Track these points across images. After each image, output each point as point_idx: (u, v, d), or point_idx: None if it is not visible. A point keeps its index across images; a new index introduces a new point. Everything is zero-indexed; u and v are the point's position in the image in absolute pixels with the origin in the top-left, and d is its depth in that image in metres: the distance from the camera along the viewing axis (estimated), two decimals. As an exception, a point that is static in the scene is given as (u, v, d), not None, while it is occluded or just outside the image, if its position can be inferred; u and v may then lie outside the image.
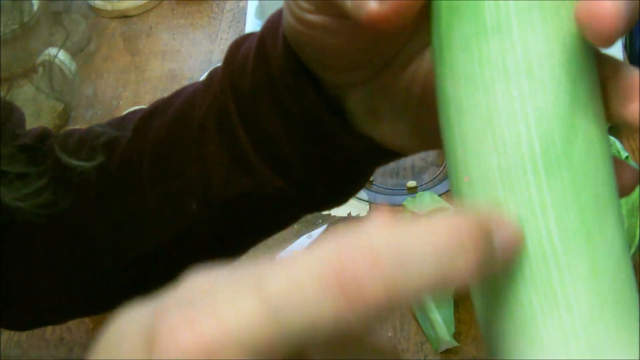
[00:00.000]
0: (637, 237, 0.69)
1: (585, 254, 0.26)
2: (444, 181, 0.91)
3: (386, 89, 0.38)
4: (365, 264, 0.21)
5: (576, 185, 0.26)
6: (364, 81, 0.38)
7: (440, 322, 0.74)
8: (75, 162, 0.48)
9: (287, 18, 0.36)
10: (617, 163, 0.30)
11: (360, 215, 0.89)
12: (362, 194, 0.91)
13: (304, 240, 0.87)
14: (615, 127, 0.93)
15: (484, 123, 0.27)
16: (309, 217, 0.89)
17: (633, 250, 0.70)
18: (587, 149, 0.27)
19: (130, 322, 0.23)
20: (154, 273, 0.51)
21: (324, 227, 0.88)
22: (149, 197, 0.47)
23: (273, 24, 0.40)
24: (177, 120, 0.45)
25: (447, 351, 0.75)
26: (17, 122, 0.54)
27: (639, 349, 0.27)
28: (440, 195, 0.87)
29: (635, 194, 0.69)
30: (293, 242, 0.87)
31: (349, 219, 0.89)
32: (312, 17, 0.34)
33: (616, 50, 0.98)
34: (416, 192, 0.89)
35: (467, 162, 0.28)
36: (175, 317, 0.21)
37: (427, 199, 0.85)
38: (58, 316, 0.57)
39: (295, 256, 0.22)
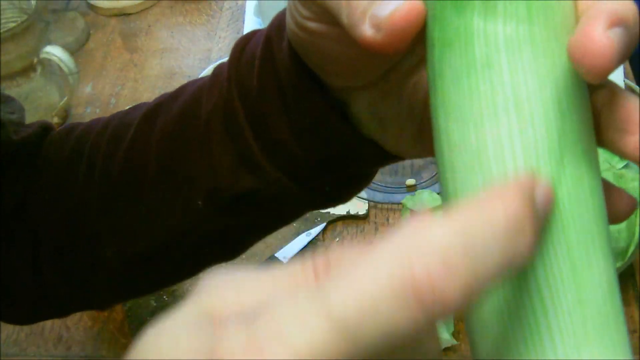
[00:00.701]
0: (637, 235, 0.69)
1: (571, 289, 0.26)
2: (443, 179, 0.91)
3: (390, 94, 0.38)
4: (437, 269, 0.20)
5: (562, 222, 0.26)
6: (368, 86, 0.38)
7: (439, 321, 0.74)
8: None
9: (289, 23, 0.36)
10: (613, 191, 0.30)
11: (359, 213, 0.89)
12: (361, 192, 0.91)
13: (302, 238, 0.87)
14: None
15: (472, 157, 0.27)
16: (307, 215, 0.89)
17: (633, 248, 0.69)
18: (575, 185, 0.27)
19: (184, 333, 0.21)
20: (158, 269, 0.51)
21: (323, 225, 0.88)
22: (154, 194, 0.47)
23: (279, 24, 0.40)
24: (183, 117, 0.45)
25: (446, 349, 0.75)
26: (17, 115, 0.54)
27: None
28: (439, 194, 0.87)
29: (635, 192, 0.69)
30: (292, 240, 0.87)
31: (347, 217, 0.89)
32: (312, 25, 0.34)
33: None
34: (415, 191, 0.89)
35: (456, 193, 0.28)
36: (239, 340, 0.20)
37: (426, 197, 0.85)
38: (59, 311, 0.57)
39: (353, 264, 0.21)
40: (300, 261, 0.22)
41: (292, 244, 0.86)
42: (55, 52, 0.99)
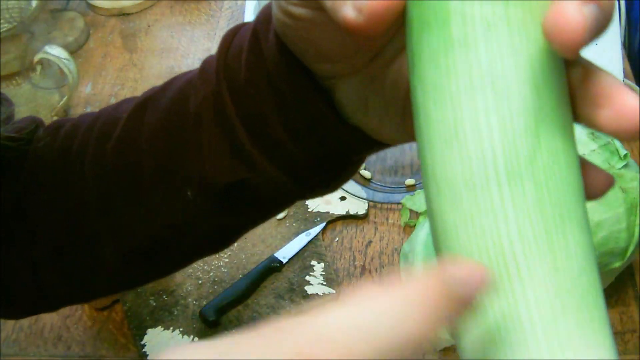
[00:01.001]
0: (637, 236, 0.69)
1: (547, 260, 0.27)
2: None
3: (374, 80, 0.39)
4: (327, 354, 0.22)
5: (539, 192, 0.27)
6: (353, 73, 0.39)
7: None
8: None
9: (275, 11, 0.37)
10: (590, 168, 0.31)
11: (359, 213, 0.89)
12: (361, 192, 0.91)
13: (302, 238, 0.87)
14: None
15: (450, 133, 0.28)
16: (307, 215, 0.89)
17: (632, 248, 0.70)
18: (551, 159, 0.27)
19: None
20: (152, 264, 0.51)
21: (323, 224, 0.88)
22: (144, 186, 0.47)
23: (265, 16, 0.40)
24: (173, 110, 0.46)
25: (446, 349, 0.75)
26: (6, 112, 0.54)
27: (601, 350, 0.27)
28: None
29: (635, 192, 0.69)
30: (292, 239, 0.87)
31: (347, 216, 0.89)
32: (297, 10, 0.35)
33: (615, 49, 0.98)
34: (415, 190, 0.89)
35: (435, 170, 0.28)
36: None
37: (426, 197, 0.85)
38: (52, 305, 0.57)
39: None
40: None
41: (291, 244, 0.86)
42: (54, 52, 0.99)
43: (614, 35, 1.00)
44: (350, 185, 0.92)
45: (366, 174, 0.94)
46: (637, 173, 0.71)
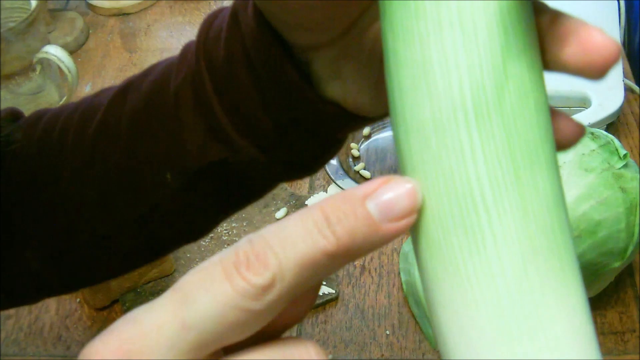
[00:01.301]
0: (636, 236, 0.69)
1: (516, 199, 0.27)
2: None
3: (350, 50, 0.39)
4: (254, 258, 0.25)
5: (507, 131, 0.27)
6: (329, 43, 0.39)
7: None
8: None
9: None
10: (560, 117, 0.31)
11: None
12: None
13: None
14: (613, 125, 0.93)
15: (419, 74, 0.28)
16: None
17: (631, 248, 0.70)
18: (519, 98, 0.28)
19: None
20: (129, 247, 0.51)
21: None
22: (124, 169, 0.47)
23: None
24: (153, 92, 0.46)
25: (446, 349, 0.75)
26: None
27: (572, 292, 0.28)
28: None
29: (635, 192, 0.69)
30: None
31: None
32: None
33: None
34: (414, 190, 0.89)
35: (404, 111, 0.29)
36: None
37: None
38: (33, 296, 0.57)
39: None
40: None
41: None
42: (54, 51, 0.99)
43: (613, 35, 1.00)
44: (350, 185, 0.92)
45: (366, 174, 0.94)
46: (636, 173, 0.71)
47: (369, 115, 0.43)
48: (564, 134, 0.31)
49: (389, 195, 0.26)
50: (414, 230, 0.29)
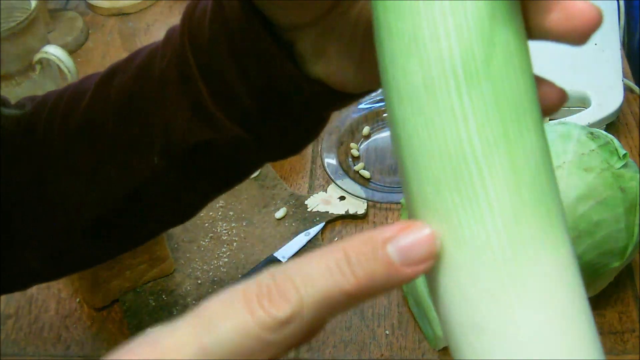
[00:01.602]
0: (636, 236, 0.69)
1: (505, 156, 0.29)
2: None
3: (333, 28, 0.41)
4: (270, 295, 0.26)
5: (495, 93, 0.29)
6: (313, 22, 0.40)
7: (438, 320, 0.74)
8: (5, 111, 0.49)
9: None
10: (543, 82, 0.33)
11: (358, 212, 0.89)
12: (360, 192, 0.91)
13: (301, 237, 0.87)
14: (613, 125, 0.93)
15: (410, 42, 0.29)
16: (306, 215, 0.89)
17: (631, 248, 0.70)
18: (506, 61, 0.29)
19: None
20: (116, 230, 0.51)
21: (322, 224, 0.88)
22: (111, 152, 0.48)
23: None
24: (139, 75, 0.47)
25: (445, 349, 0.75)
26: None
27: (560, 246, 0.29)
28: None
29: (634, 191, 0.69)
30: (291, 239, 0.87)
31: (346, 216, 0.89)
32: None
33: (614, 49, 0.98)
34: (414, 190, 0.88)
35: (396, 78, 0.30)
36: None
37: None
38: (19, 283, 0.57)
39: None
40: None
41: (290, 244, 0.86)
42: (54, 51, 0.99)
43: (613, 34, 1.00)
44: (350, 185, 0.92)
45: (365, 173, 0.94)
46: (636, 173, 0.71)
47: (353, 91, 0.44)
48: (547, 99, 0.33)
49: (409, 240, 0.27)
50: (406, 189, 0.31)
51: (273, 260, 0.84)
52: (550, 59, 0.96)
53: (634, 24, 1.16)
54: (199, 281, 0.84)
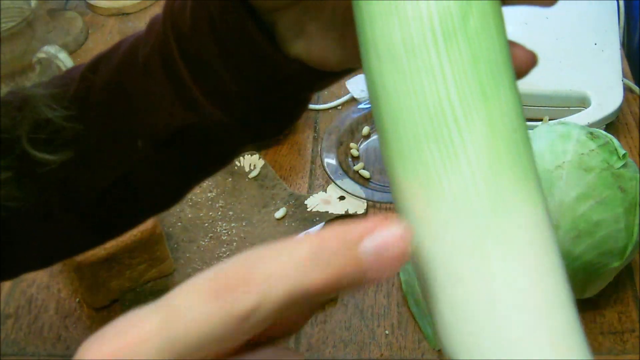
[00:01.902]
0: (636, 235, 0.70)
1: (482, 112, 0.30)
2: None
3: (313, 8, 0.42)
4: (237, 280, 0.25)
5: (472, 52, 0.30)
6: (292, 4, 0.41)
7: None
8: (45, 156, 0.49)
9: None
10: (514, 45, 0.34)
11: (358, 212, 0.89)
12: (360, 191, 0.91)
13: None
14: (612, 125, 0.93)
15: (389, 4, 0.30)
16: (306, 215, 0.89)
17: (631, 248, 0.70)
18: (482, 20, 0.30)
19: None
20: (100, 217, 0.52)
21: (321, 224, 0.88)
22: (95, 139, 0.48)
23: None
24: (123, 62, 0.48)
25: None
26: None
27: (535, 200, 0.30)
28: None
29: (634, 191, 0.69)
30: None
31: (346, 216, 0.89)
32: None
33: (614, 49, 0.98)
34: (414, 190, 0.88)
35: (375, 40, 0.31)
36: None
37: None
38: (10, 272, 0.58)
39: None
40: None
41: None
42: (53, 51, 0.99)
43: (612, 34, 1.00)
44: (349, 185, 0.92)
45: (365, 173, 0.94)
46: (636, 173, 0.71)
47: (334, 69, 0.45)
48: (519, 60, 0.34)
49: (382, 238, 0.27)
50: (385, 147, 0.32)
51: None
52: (550, 59, 0.96)
53: (633, 24, 1.16)
54: (199, 281, 0.84)
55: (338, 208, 0.90)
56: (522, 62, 0.35)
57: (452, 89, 0.30)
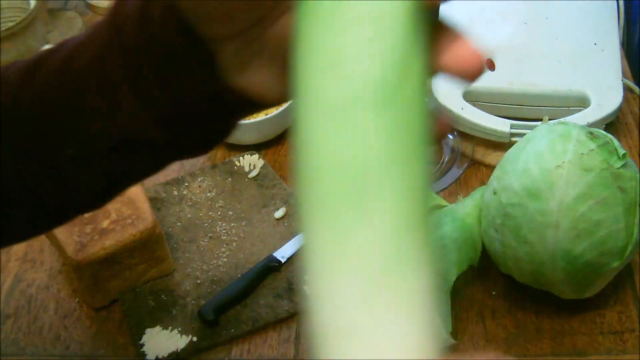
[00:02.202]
0: (636, 235, 0.70)
1: (399, 180, 0.32)
2: (441, 179, 0.91)
3: (256, 43, 0.42)
4: None
5: (398, 120, 0.32)
6: (237, 34, 0.42)
7: (438, 320, 0.74)
8: None
9: None
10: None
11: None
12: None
13: (301, 237, 0.87)
14: (612, 125, 0.93)
15: (331, 60, 0.32)
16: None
17: (630, 248, 0.70)
18: (413, 91, 0.32)
19: None
20: (31, 216, 0.52)
21: (322, 224, 0.88)
22: (27, 144, 0.48)
23: None
24: (61, 70, 0.47)
25: (444, 349, 0.75)
26: None
27: (427, 266, 0.32)
28: (437, 193, 0.87)
29: (634, 191, 0.69)
30: (290, 239, 0.87)
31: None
32: None
33: (613, 48, 0.98)
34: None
35: (311, 93, 0.33)
36: None
37: (425, 197, 0.85)
38: None
39: None
40: None
41: (290, 243, 0.86)
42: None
43: (612, 34, 1.00)
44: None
45: (365, 173, 0.94)
46: (635, 172, 0.71)
47: (269, 102, 0.45)
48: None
49: None
50: (303, 195, 0.33)
51: (272, 260, 0.84)
52: (550, 59, 0.96)
53: (633, 23, 1.16)
54: (198, 281, 0.84)
55: (338, 208, 0.90)
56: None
57: (374, 152, 0.31)
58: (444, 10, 0.36)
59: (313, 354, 0.32)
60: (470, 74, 0.35)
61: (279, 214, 0.90)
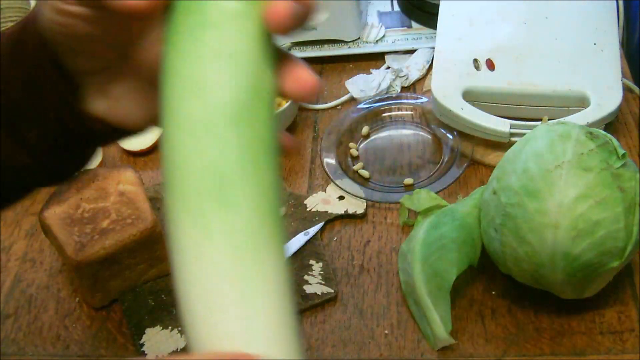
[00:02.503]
0: (635, 235, 0.70)
1: (254, 182, 0.39)
2: (441, 179, 0.91)
3: (117, 72, 0.46)
4: None
5: (252, 134, 0.39)
6: (104, 68, 0.45)
7: (437, 320, 0.74)
8: None
9: (47, 10, 0.42)
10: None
11: (357, 212, 0.89)
12: (359, 191, 0.91)
13: (300, 237, 0.87)
14: (612, 125, 0.93)
15: (193, 86, 0.39)
16: (305, 214, 0.89)
17: (630, 248, 0.70)
18: (264, 111, 0.40)
19: None
20: None
21: (321, 224, 0.88)
22: None
23: (35, 14, 0.45)
24: None
25: (444, 348, 0.75)
26: None
27: (281, 260, 0.39)
28: (437, 193, 0.87)
29: (633, 191, 0.69)
30: (290, 239, 0.87)
31: (345, 216, 0.89)
32: (72, 8, 0.41)
33: (613, 49, 0.98)
34: (413, 190, 0.89)
35: (176, 114, 0.39)
36: None
37: (424, 197, 0.85)
38: None
39: None
40: None
41: (290, 243, 0.86)
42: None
43: (612, 34, 1.00)
44: (349, 185, 0.92)
45: (365, 173, 0.94)
46: (635, 172, 0.71)
47: (136, 128, 0.48)
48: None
49: None
50: (170, 194, 0.39)
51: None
52: (550, 59, 0.96)
53: (633, 23, 1.16)
54: (198, 281, 0.84)
55: (337, 208, 0.90)
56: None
57: (234, 158, 0.38)
58: (280, 41, 0.43)
59: (187, 332, 0.38)
60: (308, 94, 0.42)
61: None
